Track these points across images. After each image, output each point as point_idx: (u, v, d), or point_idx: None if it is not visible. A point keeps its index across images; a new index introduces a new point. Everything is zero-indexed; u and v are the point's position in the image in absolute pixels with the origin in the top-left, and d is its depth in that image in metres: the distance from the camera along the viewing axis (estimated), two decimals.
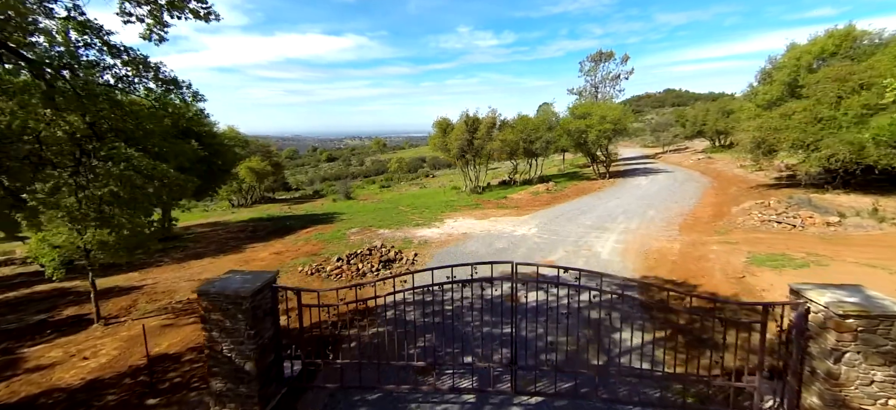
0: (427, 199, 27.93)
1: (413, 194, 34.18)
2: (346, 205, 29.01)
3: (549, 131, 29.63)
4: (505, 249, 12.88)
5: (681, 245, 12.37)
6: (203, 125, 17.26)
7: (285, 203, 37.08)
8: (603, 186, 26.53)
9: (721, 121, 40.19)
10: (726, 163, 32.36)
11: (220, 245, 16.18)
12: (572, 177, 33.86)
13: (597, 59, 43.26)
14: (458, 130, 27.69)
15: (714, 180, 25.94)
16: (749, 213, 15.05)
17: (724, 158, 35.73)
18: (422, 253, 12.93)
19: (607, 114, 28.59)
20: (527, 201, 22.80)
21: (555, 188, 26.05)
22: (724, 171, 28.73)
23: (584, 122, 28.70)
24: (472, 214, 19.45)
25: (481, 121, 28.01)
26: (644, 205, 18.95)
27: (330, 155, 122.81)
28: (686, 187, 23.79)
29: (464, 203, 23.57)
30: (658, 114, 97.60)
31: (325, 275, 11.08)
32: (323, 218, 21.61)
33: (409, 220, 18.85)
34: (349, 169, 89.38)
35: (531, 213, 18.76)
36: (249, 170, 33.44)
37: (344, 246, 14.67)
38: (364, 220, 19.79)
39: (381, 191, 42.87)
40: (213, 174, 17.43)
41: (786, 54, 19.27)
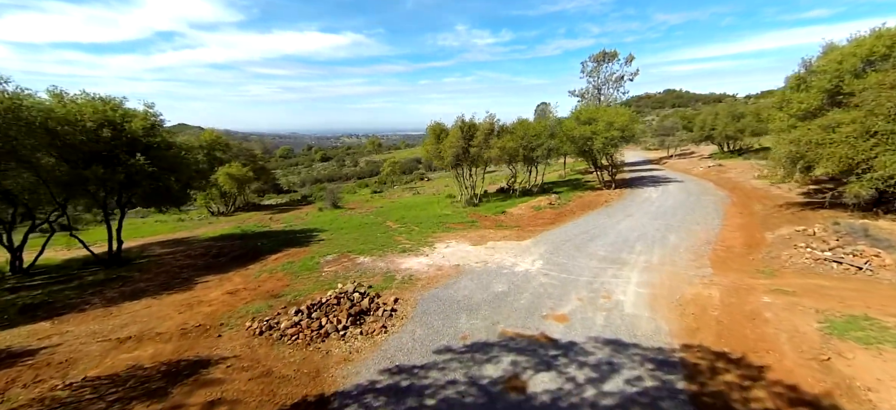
0: (419, 211, 25.53)
1: (405, 203, 31.77)
2: (332, 216, 26.56)
3: (552, 138, 27.26)
4: (505, 295, 10.50)
5: (721, 292, 10.02)
6: (156, 137, 14.75)
7: (270, 210, 34.60)
8: (610, 199, 24.18)
9: (731, 125, 37.96)
10: (740, 172, 30.09)
11: (170, 276, 13.72)
12: (575, 185, 31.51)
13: (599, 60, 40.93)
14: (453, 137, 25.27)
15: (732, 193, 23.64)
16: (793, 244, 12.72)
17: (736, 165, 33.48)
18: (404, 299, 10.53)
19: (615, 119, 26.23)
20: (528, 219, 20.42)
21: (558, 202, 23.68)
22: (740, 182, 26.44)
23: (590, 129, 26.34)
24: (467, 236, 17.05)
25: (478, 127, 25.60)
26: (662, 228, 16.61)
27: (324, 154, 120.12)
28: (703, 202, 21.47)
29: (458, 219, 21.17)
30: (658, 116, 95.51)
31: (278, 336, 8.67)
32: (300, 238, 19.17)
33: (394, 243, 16.44)
34: (343, 169, 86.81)
35: (534, 237, 16.38)
36: (228, 177, 30.92)
37: (313, 282, 12.25)
38: (345, 242, 17.37)
39: (372, 197, 40.44)
40: (161, 193, 14.93)
41: (823, 57, 16.96)
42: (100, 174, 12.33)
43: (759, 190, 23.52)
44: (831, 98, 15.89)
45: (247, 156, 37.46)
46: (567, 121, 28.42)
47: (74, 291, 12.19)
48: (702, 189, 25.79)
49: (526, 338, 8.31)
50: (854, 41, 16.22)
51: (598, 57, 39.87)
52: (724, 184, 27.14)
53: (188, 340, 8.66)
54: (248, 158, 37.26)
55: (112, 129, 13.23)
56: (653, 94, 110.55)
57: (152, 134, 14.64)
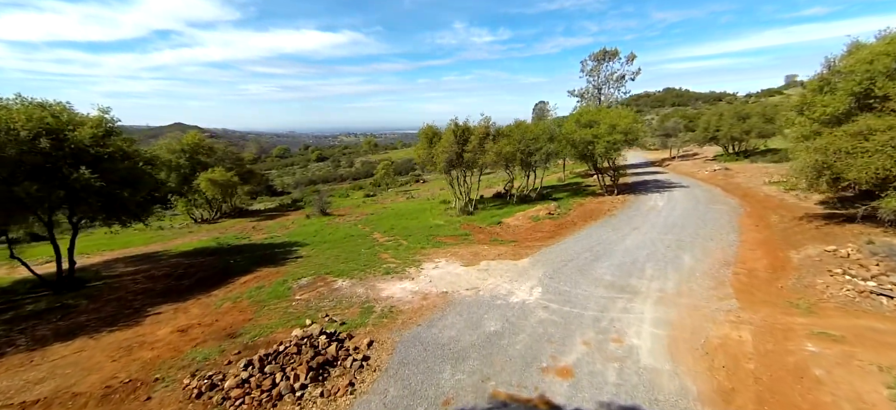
0: (409, 220, 23.93)
1: (396, 210, 30.17)
2: (318, 225, 24.94)
3: (551, 142, 25.66)
4: (498, 336, 8.91)
5: (753, 334, 8.45)
6: (108, 146, 13.09)
7: (256, 217, 32.96)
8: (613, 208, 22.60)
9: (736, 126, 36.42)
10: (749, 177, 28.55)
11: (121, 305, 12.09)
12: (575, 191, 29.94)
13: (600, 59, 39.34)
14: (446, 141, 23.67)
15: (743, 201, 22.08)
16: (826, 269, 11.17)
17: (743, 169, 31.95)
18: (380, 341, 8.94)
19: (618, 122, 24.64)
20: (526, 232, 18.82)
21: (557, 211, 22.08)
22: (751, 189, 24.88)
23: (591, 133, 24.75)
24: (459, 254, 15.45)
25: (472, 131, 24.00)
26: (673, 245, 15.03)
27: (320, 154, 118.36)
28: (714, 212, 19.90)
29: (450, 230, 19.58)
30: (658, 115, 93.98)
31: (220, 400, 7.06)
32: (278, 254, 17.55)
33: (378, 262, 14.85)
34: (338, 170, 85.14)
35: (532, 255, 14.79)
36: (211, 183, 29.23)
37: (280, 315, 10.66)
38: (324, 259, 15.77)
39: (365, 202, 38.81)
40: (115, 209, 13.28)
41: (849, 56, 15.40)
42: (32, 192, 10.67)
43: (772, 197, 21.97)
44: (860, 101, 14.32)
45: (233, 160, 35.78)
46: (567, 124, 26.84)
47: (2, 327, 10.56)
48: (710, 196, 24.22)
49: (522, 403, 6.73)
50: (885, 38, 14.65)
51: (598, 55, 38.26)
52: (733, 190, 25.59)
53: (108, 407, 7.05)
54: (234, 162, 35.57)
55: (52, 139, 11.58)
56: (652, 93, 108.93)
57: (103, 143, 12.97)
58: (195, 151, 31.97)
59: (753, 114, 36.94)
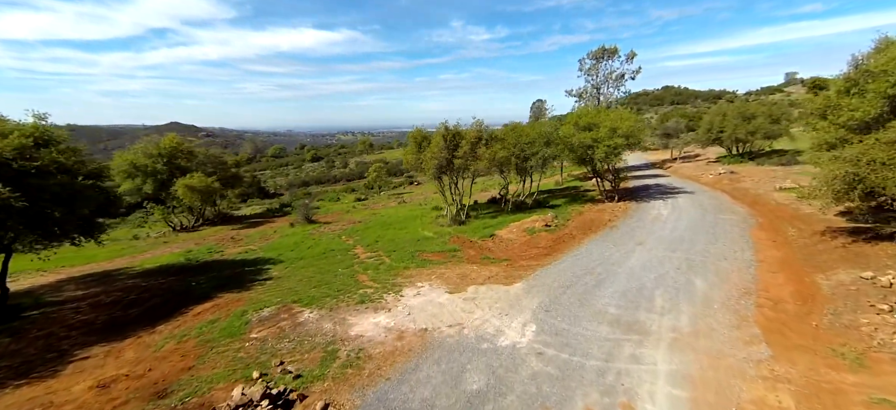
0: (397, 231, 22.28)
1: (385, 217, 28.49)
2: (299, 236, 23.24)
3: (548, 146, 23.99)
4: (481, 397, 7.26)
5: (795, 398, 6.83)
6: (38, 160, 11.35)
7: (239, 224, 31.24)
8: (614, 217, 20.98)
9: (741, 127, 34.82)
10: (757, 182, 26.93)
11: (45, 344, 10.39)
12: (574, 196, 28.29)
13: (598, 57, 37.64)
14: (436, 146, 22.00)
15: (754, 210, 20.48)
16: (867, 302, 9.55)
17: (749, 173, 30.35)
18: (337, 406, 7.29)
19: (618, 125, 23.00)
20: (520, 247, 17.17)
21: (554, 221, 20.42)
22: (760, 196, 23.26)
23: (590, 136, 23.10)
24: (445, 276, 13.79)
25: (463, 136, 22.33)
26: (683, 265, 13.39)
27: (315, 154, 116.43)
28: (724, 224, 18.28)
29: (438, 245, 17.91)
30: (658, 113, 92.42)
31: None
32: (247, 274, 15.87)
33: (354, 286, 13.20)
34: (331, 171, 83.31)
35: (526, 278, 13.14)
36: (188, 190, 27.46)
37: (226, 363, 8.99)
38: (295, 283, 14.10)
39: (355, 207, 37.09)
40: (47, 225, 11.57)
41: (880, 54, 13.79)
42: None
43: (784, 206, 20.36)
44: (895, 105, 12.71)
45: (215, 164, 33.98)
46: (565, 126, 25.17)
47: None
48: (717, 203, 22.60)
49: None
50: None
51: (596, 54, 36.56)
52: (742, 197, 23.97)
53: None
54: (216, 166, 33.77)
55: None
56: (651, 91, 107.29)
57: (32, 156, 11.24)
58: (173, 156, 30.19)
59: (759, 114, 35.33)
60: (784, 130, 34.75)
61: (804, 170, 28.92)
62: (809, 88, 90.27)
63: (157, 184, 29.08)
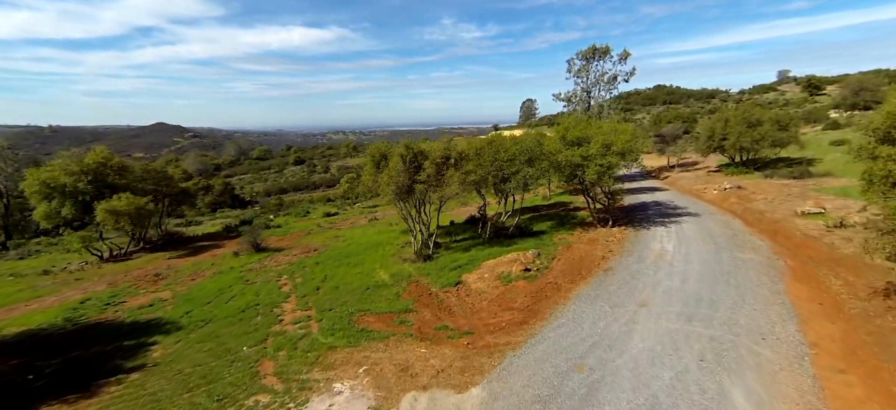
0: (351, 268, 18.43)
1: (346, 243, 24.51)
2: (229, 278, 19.17)
3: (530, 165, 20.09)
4: None
5: None
6: None
7: (182, 249, 27.05)
8: (608, 254, 17.16)
9: (746, 135, 31.19)
10: (770, 200, 23.26)
11: None
12: (562, 218, 24.44)
13: (589, 57, 33.76)
14: (394, 168, 18.00)
15: (777, 244, 16.77)
16: None
17: (759, 187, 26.71)
18: None
19: (613, 140, 19.18)
20: (488, 308, 13.21)
21: (536, 261, 16.49)
22: (779, 221, 19.56)
23: (579, 153, 19.26)
24: (379, 369, 9.83)
25: (428, 155, 18.37)
26: (708, 354, 9.53)
27: (298, 157, 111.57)
28: (746, 269, 14.49)
29: (388, 302, 13.96)
30: (650, 114, 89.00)
31: None
32: (123, 352, 11.82)
33: (247, 387, 9.24)
34: (311, 176, 78.78)
35: (489, 375, 9.24)
36: (110, 214, 23.18)
37: None
38: (170, 379, 10.09)
39: (319, 226, 32.93)
40: None
41: None
42: None
43: (814, 240, 16.67)
44: None
45: (157, 179, 29.62)
46: (549, 140, 21.26)
47: None
48: (730, 233, 18.85)
49: None
50: None
51: (587, 53, 32.66)
52: (757, 222, 20.29)
53: None
54: (158, 181, 29.44)
55: None
56: (643, 90, 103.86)
57: None
58: (101, 173, 25.85)
59: (765, 119, 31.74)
60: (792, 137, 31.21)
61: (820, 185, 25.37)
62: (804, 87, 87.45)
63: (78, 206, 24.78)
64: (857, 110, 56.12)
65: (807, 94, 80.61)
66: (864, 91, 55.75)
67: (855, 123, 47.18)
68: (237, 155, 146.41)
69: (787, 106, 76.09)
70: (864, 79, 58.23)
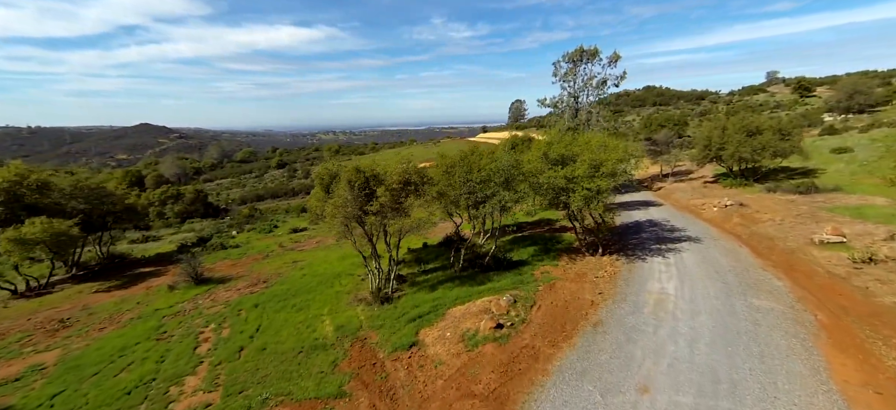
0: (290, 316, 15.27)
1: (298, 275, 21.29)
2: (137, 332, 15.81)
3: (507, 188, 17.04)
4: None
5: None
6: None
7: (117, 278, 23.58)
8: (599, 297, 14.19)
9: (746, 145, 28.53)
10: (779, 221, 20.53)
11: None
12: (546, 242, 21.46)
13: (576, 59, 30.77)
14: (340, 194, 14.83)
15: (798, 285, 13.93)
16: None
17: (762, 204, 24.00)
18: None
19: (603, 158, 16.22)
20: (446, 384, 10.09)
21: (510, 313, 13.42)
22: (793, 251, 16.78)
23: (564, 174, 16.27)
24: None
25: (384, 179, 15.22)
26: None
27: (281, 160, 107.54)
28: (767, 326, 11.61)
29: (317, 379, 10.82)
30: (640, 116, 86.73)
31: None
32: None
33: None
34: (291, 182, 75.04)
35: None
36: (16, 244, 19.62)
37: None
38: None
39: (281, 246, 29.56)
40: None
41: None
42: None
43: (843, 282, 13.88)
44: None
45: (91, 196, 25.97)
46: (530, 158, 18.20)
47: None
48: (740, 268, 16.00)
49: None
50: None
51: (573, 55, 29.71)
52: (767, 251, 17.50)
53: None
54: (91, 199, 25.81)
55: None
56: (632, 92, 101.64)
57: None
58: (14, 192, 22.24)
59: (765, 127, 29.13)
60: (795, 147, 28.64)
61: (831, 202, 22.72)
62: (794, 89, 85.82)
63: None
64: (852, 113, 54.21)
65: (797, 96, 78.91)
66: (857, 94, 53.80)
67: (852, 127, 45.11)
68: (220, 157, 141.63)
69: (779, 108, 74.28)
70: (858, 82, 56.30)
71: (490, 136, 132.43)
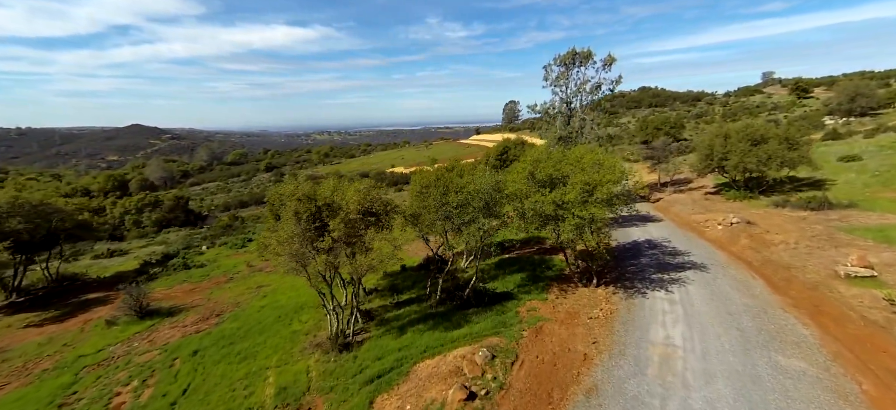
0: (228, 368, 12.80)
1: (254, 309, 18.81)
2: (63, 378, 13.34)
3: (488, 213, 14.64)
4: None
5: None
6: None
7: (56, 308, 21.01)
8: (593, 349, 11.85)
9: (751, 156, 26.28)
10: (792, 244, 18.26)
11: None
12: (534, 271, 19.04)
13: (568, 63, 28.38)
14: (286, 227, 12.37)
15: (822, 330, 11.65)
16: None
17: (771, 221, 21.74)
18: None
19: (598, 180, 13.84)
20: None
21: (488, 376, 11.03)
22: (818, 287, 14.47)
23: (552, 199, 13.88)
24: None
25: (337, 209, 12.78)
26: None
27: (270, 163, 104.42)
28: (799, 395, 9.31)
29: None
30: (636, 117, 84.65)
31: None
32: None
33: None
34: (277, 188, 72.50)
35: None
36: None
37: None
38: None
39: (252, 265, 27.02)
40: None
41: None
42: None
43: (880, 328, 11.61)
44: None
45: (33, 213, 23.27)
46: (513, 177, 15.76)
47: None
48: (757, 308, 13.69)
49: None
50: None
51: (565, 58, 27.28)
52: (784, 283, 15.21)
53: None
54: (32, 216, 23.12)
55: None
56: (628, 93, 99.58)
57: None
58: None
59: (771, 136, 26.90)
60: (804, 157, 26.40)
61: (848, 221, 20.48)
62: (792, 90, 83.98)
63: None
64: (853, 117, 52.26)
65: (794, 98, 77.05)
66: (859, 97, 51.83)
67: (855, 132, 43.09)
68: (209, 159, 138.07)
69: (776, 110, 72.38)
70: (860, 85, 54.34)
71: (483, 138, 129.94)
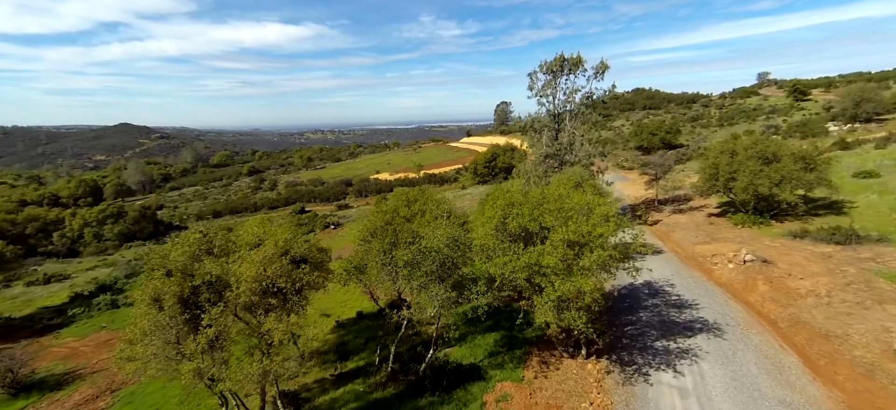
0: None
1: (137, 404, 15.11)
2: None
3: (444, 281, 11.08)
4: None
5: None
6: None
7: None
8: None
9: (763, 179, 22.89)
10: (820, 294, 14.87)
11: None
12: (512, 329, 15.53)
13: (556, 70, 24.70)
14: (145, 312, 8.75)
15: None
16: None
17: (791, 258, 18.36)
18: None
19: (592, 233, 10.32)
20: None
21: None
22: (872, 369, 11.06)
23: (528, 260, 10.32)
24: None
25: (237, 279, 9.15)
26: None
27: (253, 167, 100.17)
28: None
29: None
30: (629, 120, 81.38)
31: None
32: None
33: None
34: (256, 195, 68.14)
35: None
36: None
37: None
38: None
39: None
40: None
41: None
42: None
43: None
44: None
45: None
46: (479, 229, 12.16)
47: None
48: (795, 407, 10.26)
49: None
50: None
51: (552, 66, 23.61)
52: (829, 364, 11.79)
53: None
54: None
55: None
56: (621, 95, 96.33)
57: None
58: None
59: (783, 153, 23.53)
60: (822, 179, 23.04)
61: (883, 260, 17.13)
62: (789, 92, 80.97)
63: None
64: (859, 122, 49.25)
65: (792, 100, 74.10)
66: (865, 102, 48.78)
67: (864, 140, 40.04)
68: (194, 161, 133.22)
69: (774, 113, 69.40)
70: (865, 89, 51.29)
71: (474, 141, 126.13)
